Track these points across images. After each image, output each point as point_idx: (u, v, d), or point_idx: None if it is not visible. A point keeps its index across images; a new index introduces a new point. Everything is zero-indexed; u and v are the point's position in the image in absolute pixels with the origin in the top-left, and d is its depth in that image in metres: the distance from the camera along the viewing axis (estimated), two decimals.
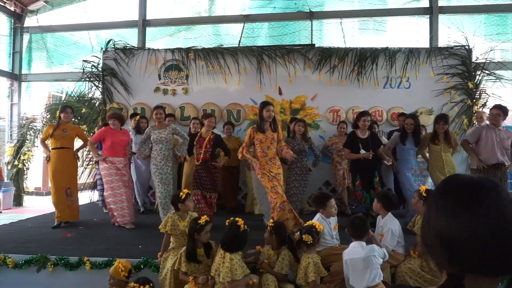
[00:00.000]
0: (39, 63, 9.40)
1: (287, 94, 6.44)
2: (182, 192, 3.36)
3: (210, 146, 4.57)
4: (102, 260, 3.33)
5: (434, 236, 0.76)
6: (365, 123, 4.54)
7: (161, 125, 4.85)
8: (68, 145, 4.83)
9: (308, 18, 7.58)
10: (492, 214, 0.71)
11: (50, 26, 9.06)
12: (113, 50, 6.80)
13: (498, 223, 0.71)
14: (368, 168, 4.49)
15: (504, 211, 0.72)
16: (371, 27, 7.93)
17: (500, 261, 0.71)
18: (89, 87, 7.06)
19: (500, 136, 4.57)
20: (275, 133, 4.12)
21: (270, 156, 4.07)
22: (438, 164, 4.54)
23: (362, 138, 4.56)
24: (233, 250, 2.80)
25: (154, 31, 8.71)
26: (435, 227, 0.76)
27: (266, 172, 4.05)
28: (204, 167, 4.56)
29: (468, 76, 6.19)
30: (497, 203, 0.73)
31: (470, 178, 0.79)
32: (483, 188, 0.75)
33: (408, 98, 6.26)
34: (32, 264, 3.39)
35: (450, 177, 0.83)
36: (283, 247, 3.03)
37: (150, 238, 4.04)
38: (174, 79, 6.70)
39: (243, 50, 6.59)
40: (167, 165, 4.73)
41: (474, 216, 0.72)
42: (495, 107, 4.74)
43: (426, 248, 0.81)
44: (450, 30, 7.27)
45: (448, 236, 0.73)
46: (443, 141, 4.52)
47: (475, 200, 0.74)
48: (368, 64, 6.27)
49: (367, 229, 2.85)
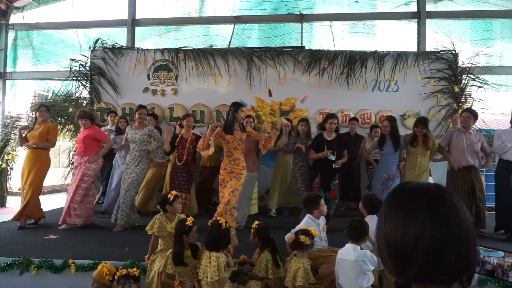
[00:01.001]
0: (24, 61, 9.19)
1: (277, 96, 6.46)
2: (170, 194, 3.32)
3: (193, 147, 4.60)
4: (87, 263, 3.27)
5: (384, 245, 0.76)
6: (332, 125, 4.65)
7: (140, 125, 4.81)
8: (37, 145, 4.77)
9: (298, 21, 7.61)
10: (434, 221, 0.71)
11: (36, 24, 8.88)
12: (102, 49, 6.71)
13: (440, 230, 0.70)
14: (329, 169, 4.58)
15: (447, 218, 0.71)
16: (361, 31, 8.01)
17: (443, 268, 0.70)
18: (76, 86, 6.96)
19: (470, 140, 4.61)
20: (243, 134, 4.07)
21: (235, 156, 4.03)
22: (411, 165, 4.66)
23: (328, 140, 4.66)
24: (218, 249, 2.79)
25: (144, 31, 8.62)
26: (384, 235, 0.76)
27: (228, 170, 4.02)
28: (185, 168, 4.60)
29: (454, 80, 6.31)
30: (440, 210, 0.72)
31: (416, 185, 0.79)
32: (426, 195, 0.75)
33: (396, 101, 6.34)
34: (14, 267, 3.30)
35: (398, 185, 0.84)
36: (265, 250, 3.00)
37: (136, 240, 3.98)
38: (163, 80, 6.65)
39: (233, 52, 6.58)
40: (136, 166, 4.66)
41: (416, 223, 0.71)
42: (465, 111, 4.84)
43: (380, 257, 0.80)
44: (437, 34, 7.39)
45: (394, 244, 0.73)
46: (422, 144, 4.62)
47: (417, 207, 0.73)
48: (357, 67, 6.33)
49: (364, 232, 2.82)
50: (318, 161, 4.68)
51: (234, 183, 3.93)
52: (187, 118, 4.73)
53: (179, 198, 3.38)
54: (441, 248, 0.70)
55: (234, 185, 3.91)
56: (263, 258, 2.94)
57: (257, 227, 3.09)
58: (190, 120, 4.71)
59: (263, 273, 2.90)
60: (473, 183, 4.54)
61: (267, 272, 2.89)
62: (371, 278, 2.68)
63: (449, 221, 0.71)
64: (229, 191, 3.90)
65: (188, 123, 4.68)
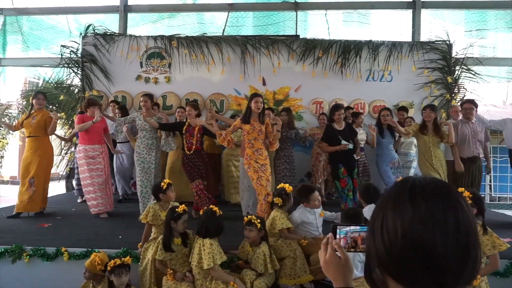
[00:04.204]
0: (14, 47, 8.99)
1: (271, 85, 6.43)
2: (164, 182, 3.32)
3: (200, 134, 4.58)
4: (80, 251, 3.27)
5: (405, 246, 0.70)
6: (340, 116, 4.65)
7: (148, 113, 4.78)
8: (38, 133, 4.67)
9: (293, 9, 7.53)
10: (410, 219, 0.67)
11: (25, 9, 8.66)
12: (93, 36, 6.59)
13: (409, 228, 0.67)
14: (349, 159, 4.60)
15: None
16: (355, 20, 7.96)
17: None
18: (67, 73, 6.84)
19: (474, 130, 4.71)
20: (262, 125, 4.11)
21: (256, 147, 4.07)
22: (427, 157, 4.67)
23: (340, 130, 4.66)
24: (212, 236, 2.80)
25: (136, 17, 8.45)
26: (410, 233, 0.70)
27: (253, 162, 4.05)
28: (198, 156, 4.56)
29: (447, 71, 6.33)
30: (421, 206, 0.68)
31: (413, 180, 0.73)
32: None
33: (389, 91, 6.35)
34: (6, 255, 3.29)
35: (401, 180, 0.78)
36: (262, 242, 2.99)
37: (130, 228, 3.99)
38: (156, 67, 6.57)
39: (227, 40, 6.51)
40: (150, 155, 4.65)
41: (397, 219, 0.68)
42: (467, 102, 4.90)
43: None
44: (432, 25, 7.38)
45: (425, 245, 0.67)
46: (432, 132, 4.62)
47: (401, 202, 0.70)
48: (351, 57, 6.31)
49: (360, 221, 2.79)
50: (336, 152, 4.61)
51: (264, 177, 4.00)
52: (187, 107, 4.67)
53: (172, 186, 3.38)
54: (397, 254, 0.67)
55: (265, 178, 4.01)
56: (260, 254, 2.91)
57: (260, 221, 3.02)
58: (188, 109, 4.64)
59: (262, 268, 2.88)
60: (474, 175, 4.64)
61: (265, 267, 2.88)
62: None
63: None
64: (263, 187, 3.96)
65: (188, 113, 4.60)
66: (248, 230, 3.01)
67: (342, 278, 0.90)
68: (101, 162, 4.60)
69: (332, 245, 0.92)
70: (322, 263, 0.95)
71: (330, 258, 0.92)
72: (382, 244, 0.70)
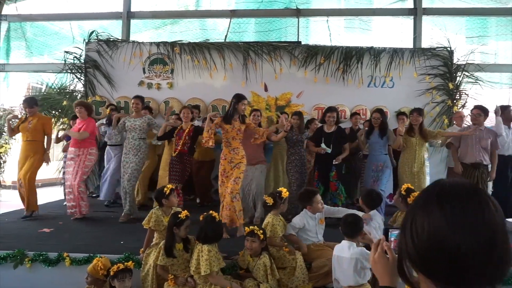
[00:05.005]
0: (18, 53, 9.06)
1: (273, 90, 6.45)
2: (166, 188, 3.33)
3: (189, 137, 4.61)
4: (82, 256, 3.27)
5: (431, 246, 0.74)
6: (330, 119, 4.71)
7: (137, 114, 4.86)
8: (33, 138, 4.75)
9: (295, 15, 7.57)
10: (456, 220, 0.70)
11: (29, 15, 8.75)
12: (96, 42, 6.65)
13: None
14: (325, 162, 4.68)
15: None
16: (357, 26, 7.99)
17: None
18: (70, 79, 6.89)
19: (478, 136, 4.67)
20: (242, 125, 4.13)
21: (233, 146, 4.11)
22: (409, 159, 4.74)
23: (327, 133, 4.72)
24: (211, 242, 2.80)
25: (139, 24, 8.52)
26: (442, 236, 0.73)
27: (226, 163, 4.07)
28: (179, 159, 4.60)
29: (449, 77, 6.34)
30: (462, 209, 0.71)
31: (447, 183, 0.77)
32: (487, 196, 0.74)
33: (391, 97, 6.36)
34: (8, 260, 3.29)
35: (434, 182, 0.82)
36: (263, 253, 2.96)
37: (132, 233, 3.99)
38: (159, 73, 6.61)
39: (229, 46, 6.55)
40: (134, 155, 4.68)
41: (441, 223, 0.71)
42: (475, 108, 4.87)
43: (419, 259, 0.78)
44: (433, 31, 7.41)
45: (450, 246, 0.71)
46: (418, 135, 4.74)
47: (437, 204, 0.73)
48: (353, 63, 6.34)
49: (358, 228, 2.77)
50: (315, 155, 4.82)
51: (235, 172, 4.03)
52: (183, 110, 4.81)
53: (174, 192, 3.38)
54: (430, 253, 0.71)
55: (235, 174, 4.02)
56: (260, 265, 2.89)
57: (263, 231, 3.01)
58: (185, 112, 4.76)
59: (263, 278, 2.87)
60: (476, 181, 4.56)
61: (266, 278, 2.87)
62: (368, 274, 2.68)
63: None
64: (230, 180, 3.99)
65: (184, 115, 4.71)
66: (250, 241, 2.96)
67: (388, 277, 0.99)
68: (72, 165, 4.68)
69: (383, 246, 1.01)
70: (371, 261, 1.05)
71: (378, 258, 1.02)
72: (411, 242, 0.75)
